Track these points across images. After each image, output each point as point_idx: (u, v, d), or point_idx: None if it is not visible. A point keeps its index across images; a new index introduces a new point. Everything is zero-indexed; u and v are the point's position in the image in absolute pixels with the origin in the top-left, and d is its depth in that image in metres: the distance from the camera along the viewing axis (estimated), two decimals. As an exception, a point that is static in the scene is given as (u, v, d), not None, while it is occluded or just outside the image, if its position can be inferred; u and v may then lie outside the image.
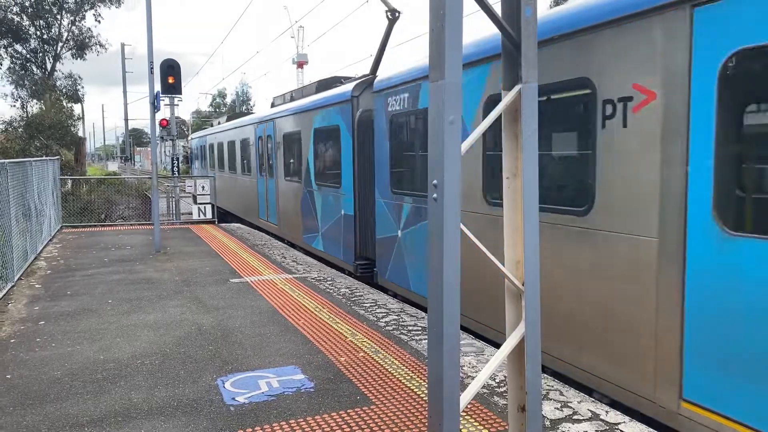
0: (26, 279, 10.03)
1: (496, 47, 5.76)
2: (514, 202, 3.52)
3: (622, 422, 4.47)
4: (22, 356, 6.15)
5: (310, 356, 6.02)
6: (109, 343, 6.52)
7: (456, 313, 3.08)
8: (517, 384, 3.63)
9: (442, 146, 3.00)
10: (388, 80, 8.82)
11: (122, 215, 21.84)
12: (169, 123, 27.04)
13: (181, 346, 6.38)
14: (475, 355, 6.01)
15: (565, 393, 5.04)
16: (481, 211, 6.70)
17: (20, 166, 11.04)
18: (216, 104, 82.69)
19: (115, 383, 5.38)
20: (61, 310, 7.99)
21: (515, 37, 3.36)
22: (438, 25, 2.97)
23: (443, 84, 2.97)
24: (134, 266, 11.14)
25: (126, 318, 7.54)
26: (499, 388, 5.19)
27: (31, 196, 11.98)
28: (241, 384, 5.32)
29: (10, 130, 28.96)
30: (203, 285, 9.42)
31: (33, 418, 4.68)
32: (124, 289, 9.21)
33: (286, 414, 4.70)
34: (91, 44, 36.99)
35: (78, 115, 34.59)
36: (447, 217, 3.02)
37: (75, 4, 35.76)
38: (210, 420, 4.60)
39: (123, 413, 4.74)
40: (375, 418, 4.61)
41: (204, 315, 7.62)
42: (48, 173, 14.87)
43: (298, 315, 7.57)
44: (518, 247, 3.53)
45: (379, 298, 8.51)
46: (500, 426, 4.46)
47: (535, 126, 3.40)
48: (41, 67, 36.67)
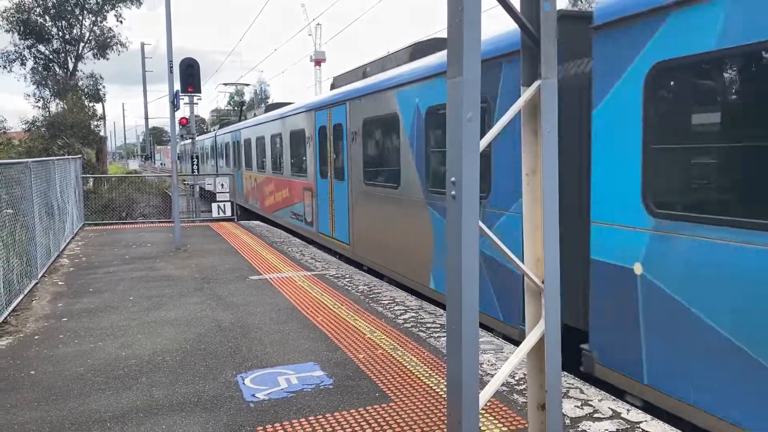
0: (49, 276, 10.18)
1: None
2: (534, 199, 3.49)
3: (644, 420, 4.42)
4: (46, 352, 6.24)
5: (329, 353, 6.04)
6: (130, 340, 6.60)
7: (475, 311, 3.06)
8: (537, 382, 3.61)
9: (460, 143, 2.99)
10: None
11: (143, 213, 22.07)
12: (188, 121, 27.25)
13: (201, 343, 6.43)
14: (494, 353, 5.98)
15: (586, 391, 5.00)
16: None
17: (43, 165, 11.20)
18: (234, 102, 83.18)
19: (136, 379, 5.44)
20: (84, 306, 8.10)
21: (534, 32, 3.33)
22: (456, 22, 2.96)
23: (461, 81, 2.96)
24: (155, 263, 11.26)
25: (147, 315, 7.62)
26: (518, 386, 5.16)
27: (53, 194, 12.16)
28: (261, 380, 5.35)
29: (33, 129, 29.43)
30: (223, 282, 9.49)
31: (57, 414, 4.75)
32: (145, 286, 9.31)
33: (305, 410, 4.71)
34: (112, 44, 37.44)
35: (100, 114, 35.01)
36: (465, 215, 3.01)
37: (96, 4, 36.21)
38: (230, 416, 4.64)
39: (144, 409, 4.80)
40: (394, 415, 4.61)
41: (224, 312, 7.68)
42: (70, 172, 15.07)
43: (317, 312, 7.60)
44: (538, 244, 3.50)
45: (398, 295, 8.50)
46: (520, 424, 4.43)
47: (555, 122, 3.37)
48: (63, 67, 37.19)
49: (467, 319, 3.05)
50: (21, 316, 7.68)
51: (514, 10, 3.30)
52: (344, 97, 11.56)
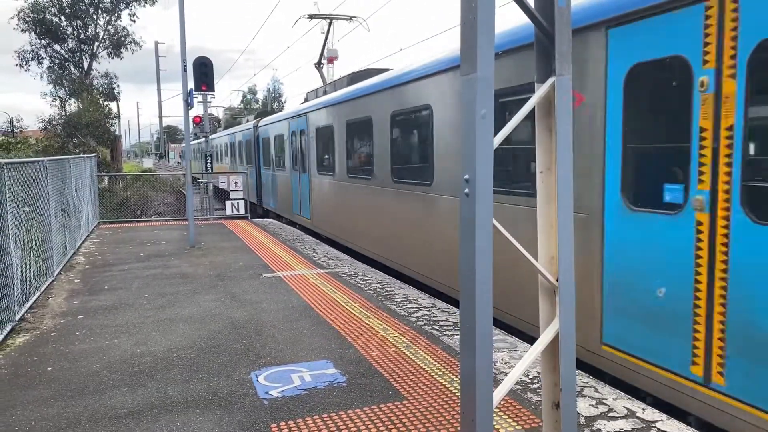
0: (65, 274, 10.28)
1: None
2: (548, 197, 3.46)
3: (660, 420, 4.38)
4: (63, 349, 6.31)
5: (342, 351, 6.04)
6: (145, 337, 6.64)
7: (488, 309, 3.05)
8: (551, 380, 3.58)
9: (473, 141, 2.96)
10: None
11: (157, 211, 22.23)
12: (202, 120, 27.37)
13: (216, 340, 6.46)
14: (508, 351, 5.96)
15: (600, 390, 4.97)
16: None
17: (59, 164, 11.30)
18: (247, 101, 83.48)
19: (151, 376, 5.48)
20: (99, 304, 8.17)
21: (548, 28, 3.30)
22: (470, 18, 2.93)
23: (475, 77, 2.93)
24: (169, 261, 11.34)
25: (162, 312, 7.67)
26: (532, 385, 5.13)
27: (69, 192, 12.27)
28: (275, 378, 5.37)
29: (49, 128, 29.72)
30: (237, 280, 9.53)
31: (74, 410, 4.80)
32: (159, 283, 9.38)
33: (318, 408, 4.72)
34: (126, 43, 37.74)
35: (114, 113, 35.31)
36: (479, 213, 2.98)
37: (110, 3, 36.49)
38: (244, 413, 4.66)
39: (159, 406, 4.83)
40: (407, 413, 4.61)
41: (238, 309, 7.71)
42: (85, 170, 15.20)
43: (330, 309, 7.61)
44: (552, 242, 3.47)
45: (410, 293, 8.50)
46: (534, 423, 4.41)
47: (570, 119, 3.33)
48: (78, 66, 37.53)
49: (481, 317, 3.03)
50: (38, 313, 7.77)
51: (528, 6, 3.28)
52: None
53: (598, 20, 5.26)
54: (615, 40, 5.12)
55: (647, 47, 4.81)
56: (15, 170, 7.84)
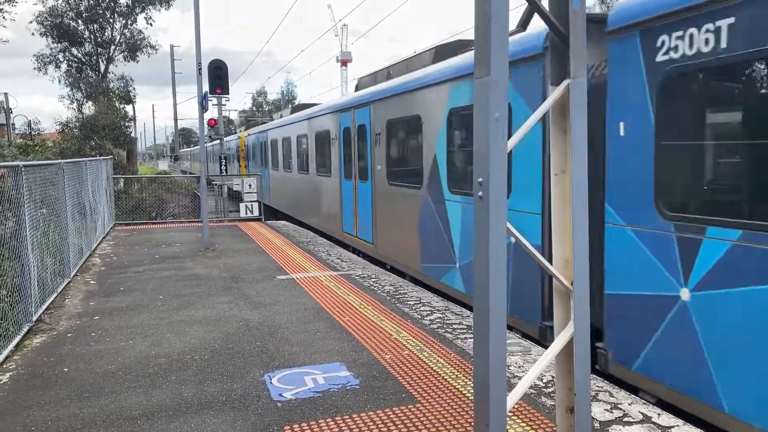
0: (81, 275, 10.38)
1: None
2: (563, 200, 3.44)
3: (675, 426, 4.33)
4: (78, 350, 6.36)
5: (355, 353, 6.04)
6: (160, 339, 6.69)
7: (502, 312, 3.03)
8: (565, 385, 3.56)
9: (487, 143, 2.95)
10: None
11: (172, 213, 22.38)
12: (217, 122, 27.53)
13: (230, 342, 6.49)
14: (522, 355, 5.93)
15: (615, 394, 4.92)
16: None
17: (76, 166, 11.42)
18: (257, 103, 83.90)
19: (166, 378, 5.51)
20: (115, 305, 8.24)
21: (563, 30, 3.28)
22: (484, 21, 2.92)
23: (488, 80, 2.92)
24: (184, 263, 11.41)
25: (176, 314, 7.72)
26: (546, 389, 5.10)
27: (86, 194, 12.39)
28: (288, 380, 5.38)
29: (66, 131, 30.03)
30: (250, 282, 9.57)
31: (89, 411, 4.84)
32: (174, 285, 9.44)
33: (332, 410, 4.73)
34: (142, 46, 38.04)
35: (130, 116, 35.60)
36: (493, 216, 2.97)
37: (127, 7, 36.82)
38: (258, 415, 4.67)
39: (174, 407, 4.86)
40: (420, 416, 4.60)
41: (251, 311, 7.74)
42: (102, 172, 15.35)
43: (343, 312, 7.61)
44: (567, 245, 3.45)
45: (423, 296, 8.48)
46: (548, 427, 4.38)
47: (584, 121, 3.31)
48: (95, 69, 37.89)
49: (494, 321, 3.02)
50: (54, 314, 7.85)
51: (543, 9, 3.26)
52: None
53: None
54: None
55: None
56: (33, 172, 7.93)
